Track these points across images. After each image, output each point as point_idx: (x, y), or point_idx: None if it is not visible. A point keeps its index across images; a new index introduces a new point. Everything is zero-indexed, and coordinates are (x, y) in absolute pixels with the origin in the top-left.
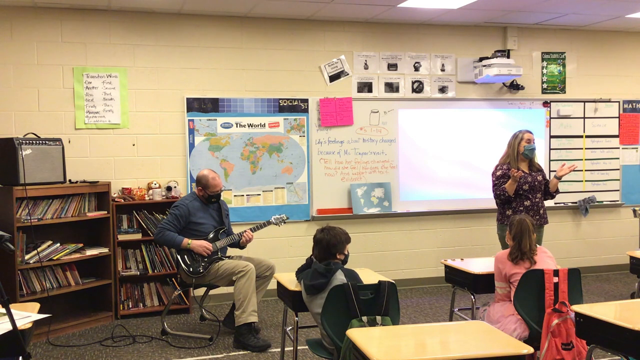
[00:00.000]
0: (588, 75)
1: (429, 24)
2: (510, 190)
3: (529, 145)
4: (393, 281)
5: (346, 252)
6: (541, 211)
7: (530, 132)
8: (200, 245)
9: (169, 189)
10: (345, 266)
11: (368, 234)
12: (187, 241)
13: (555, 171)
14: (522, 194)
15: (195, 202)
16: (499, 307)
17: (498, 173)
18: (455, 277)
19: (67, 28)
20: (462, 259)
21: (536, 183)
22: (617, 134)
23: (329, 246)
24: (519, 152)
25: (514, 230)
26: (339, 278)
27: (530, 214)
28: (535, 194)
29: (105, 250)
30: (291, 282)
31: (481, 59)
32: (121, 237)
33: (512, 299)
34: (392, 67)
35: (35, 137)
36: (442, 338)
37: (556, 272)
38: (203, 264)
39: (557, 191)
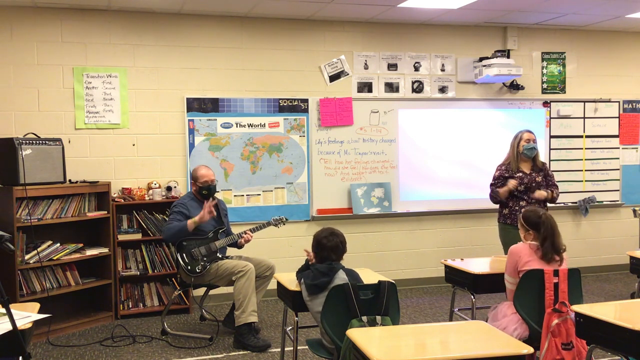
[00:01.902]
0: (588, 75)
1: (429, 24)
2: (503, 195)
3: (527, 145)
4: (393, 281)
5: None
6: None
7: (531, 132)
8: (203, 215)
9: (169, 189)
10: (346, 266)
11: (368, 234)
12: (192, 220)
13: (556, 171)
14: (517, 195)
15: (193, 201)
16: (502, 306)
17: (496, 174)
18: (455, 277)
19: (67, 28)
20: (462, 259)
21: (533, 184)
22: (617, 134)
23: (344, 248)
24: (519, 152)
25: (544, 229)
26: (341, 277)
27: None
28: (532, 195)
29: (105, 250)
30: (291, 282)
31: (481, 59)
32: (121, 237)
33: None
34: (392, 67)
35: (35, 137)
36: (442, 338)
37: (556, 272)
38: (202, 263)
39: (547, 200)
